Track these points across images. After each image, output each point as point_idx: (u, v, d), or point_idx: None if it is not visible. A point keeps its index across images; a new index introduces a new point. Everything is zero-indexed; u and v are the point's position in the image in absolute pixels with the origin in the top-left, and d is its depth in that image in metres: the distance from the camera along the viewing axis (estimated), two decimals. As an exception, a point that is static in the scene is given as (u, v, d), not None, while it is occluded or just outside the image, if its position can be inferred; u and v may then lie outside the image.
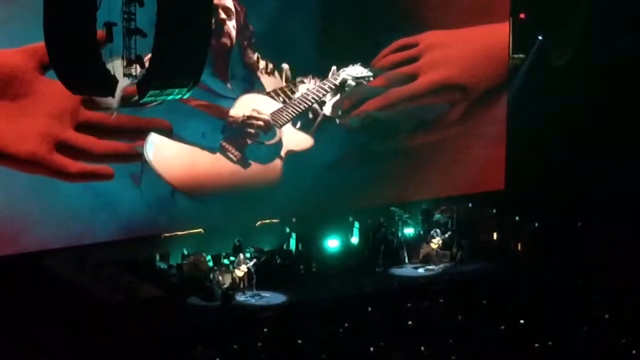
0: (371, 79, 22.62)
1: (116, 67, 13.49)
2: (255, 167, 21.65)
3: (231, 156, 21.38)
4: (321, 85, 22.24)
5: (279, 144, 21.89)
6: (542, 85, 24.31)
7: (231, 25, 21.07)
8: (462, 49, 23.44)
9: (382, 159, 23.07)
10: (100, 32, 13.15)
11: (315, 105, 22.22)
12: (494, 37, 23.86)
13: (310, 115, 22.26)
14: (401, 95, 22.94)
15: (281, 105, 21.92)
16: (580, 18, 24.38)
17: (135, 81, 13.58)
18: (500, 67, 24.19)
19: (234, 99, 21.47)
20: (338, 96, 22.42)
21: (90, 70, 12.87)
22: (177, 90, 13.30)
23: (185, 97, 13.72)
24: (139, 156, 20.35)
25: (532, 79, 24.53)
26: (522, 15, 24.28)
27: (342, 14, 22.12)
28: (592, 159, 24.06)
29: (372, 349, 17.30)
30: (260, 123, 21.59)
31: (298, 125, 22.14)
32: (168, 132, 20.49)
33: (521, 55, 24.69)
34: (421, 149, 23.58)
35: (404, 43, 22.92)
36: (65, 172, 19.46)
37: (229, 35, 21.09)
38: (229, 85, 21.39)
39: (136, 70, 13.53)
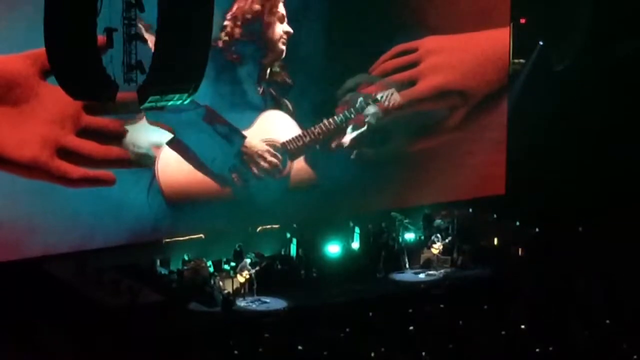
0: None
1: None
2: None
3: (236, 185, 21.48)
4: (345, 114, 22.39)
5: (287, 180, 22.00)
6: (542, 90, 24.32)
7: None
8: (461, 54, 23.45)
9: (382, 164, 23.07)
10: (101, 38, 13.16)
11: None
12: (494, 42, 23.87)
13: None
14: (400, 100, 22.94)
15: (300, 132, 22.05)
16: (580, 23, 24.39)
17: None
18: (501, 72, 24.19)
19: (258, 112, 21.61)
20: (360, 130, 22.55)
21: (91, 75, 12.88)
22: (177, 95, 13.31)
23: (185, 102, 13.73)
24: (139, 162, 20.36)
25: (533, 84, 24.54)
26: (522, 20, 24.29)
27: (345, 21, 22.14)
28: (593, 164, 24.06)
29: (373, 354, 17.28)
30: (274, 161, 21.68)
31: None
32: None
33: (522, 60, 24.70)
34: (421, 154, 23.58)
35: (403, 48, 22.94)
36: (67, 178, 19.47)
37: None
38: (260, 89, 21.49)
39: (136, 75, 13.54)
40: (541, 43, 24.61)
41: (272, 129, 21.90)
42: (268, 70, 21.65)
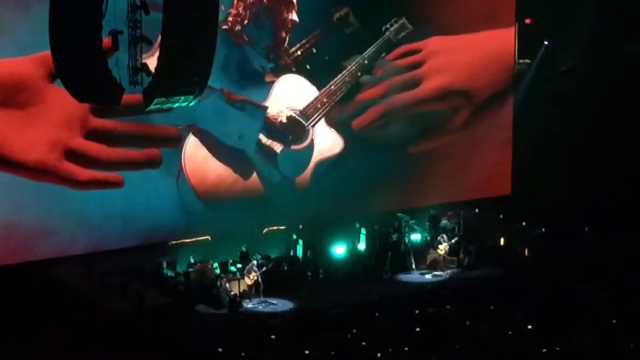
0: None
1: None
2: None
3: (262, 162, 21.54)
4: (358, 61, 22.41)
5: (310, 149, 22.02)
6: (548, 90, 24.31)
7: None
8: (465, 55, 23.44)
9: (388, 165, 23.07)
10: (106, 40, 13.17)
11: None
12: (498, 42, 23.86)
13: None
14: (405, 101, 22.95)
15: (317, 93, 22.03)
16: (586, 23, 24.36)
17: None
18: (505, 72, 24.18)
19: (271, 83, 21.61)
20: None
21: (96, 78, 12.88)
22: (183, 97, 13.29)
23: (191, 104, 13.72)
24: (149, 163, 20.36)
25: (538, 84, 24.52)
26: (527, 21, 24.27)
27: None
28: (599, 164, 24.03)
29: (379, 355, 17.28)
30: (300, 131, 21.77)
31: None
32: (176, 140, 20.51)
33: (527, 61, 24.68)
34: (427, 155, 23.58)
35: (407, 49, 22.94)
36: (75, 180, 19.46)
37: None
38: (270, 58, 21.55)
39: (142, 77, 13.53)
40: (546, 43, 24.59)
41: (288, 95, 21.90)
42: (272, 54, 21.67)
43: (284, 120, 21.70)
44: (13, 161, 18.89)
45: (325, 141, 22.27)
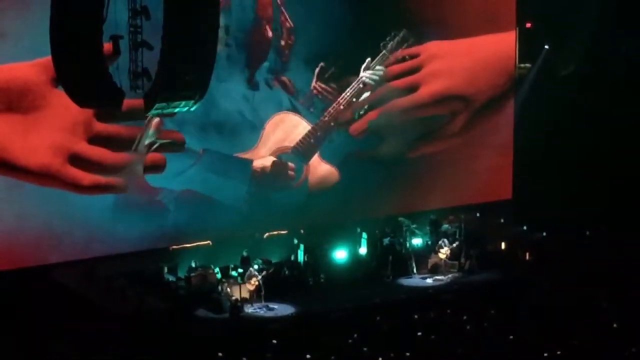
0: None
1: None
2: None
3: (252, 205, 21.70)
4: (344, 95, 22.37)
5: (305, 186, 22.06)
6: (549, 94, 24.31)
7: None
8: (463, 59, 23.46)
9: (389, 170, 23.08)
10: (107, 45, 13.19)
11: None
12: (498, 46, 23.89)
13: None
14: (402, 106, 22.96)
15: (310, 127, 22.03)
16: (586, 27, 24.36)
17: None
18: (504, 77, 24.20)
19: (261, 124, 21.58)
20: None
21: (97, 83, 12.91)
22: (183, 102, 13.33)
23: (192, 109, 13.75)
24: (153, 168, 20.35)
25: (539, 88, 24.53)
26: (528, 25, 24.29)
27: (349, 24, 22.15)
28: (600, 167, 24.03)
29: (380, 359, 17.28)
30: (288, 176, 21.76)
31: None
32: (180, 145, 20.51)
33: (528, 65, 24.70)
34: (428, 159, 23.60)
35: (405, 54, 22.94)
36: (78, 185, 19.49)
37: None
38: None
39: (143, 82, 13.56)
40: (547, 47, 24.60)
41: (280, 135, 21.88)
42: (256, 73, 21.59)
43: (271, 167, 21.71)
44: (17, 166, 18.92)
45: (320, 175, 22.30)
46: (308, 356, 17.41)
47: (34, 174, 19.07)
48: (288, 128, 21.96)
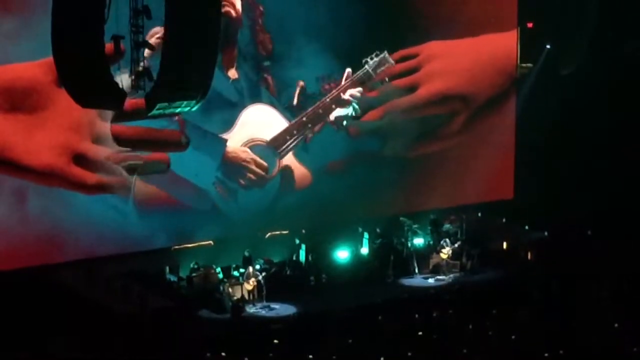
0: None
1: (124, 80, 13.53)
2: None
3: (222, 197, 21.33)
4: (333, 94, 22.16)
5: (275, 183, 21.81)
6: (550, 93, 24.32)
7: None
8: (463, 59, 23.46)
9: (390, 169, 23.07)
10: (109, 45, 13.18)
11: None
12: (498, 46, 23.90)
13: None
14: (402, 106, 22.95)
15: (287, 124, 21.82)
16: (588, 26, 24.37)
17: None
18: (505, 76, 24.20)
19: (238, 106, 21.31)
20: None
21: (98, 83, 12.89)
22: (185, 102, 13.31)
23: (193, 109, 13.74)
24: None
25: (541, 88, 24.53)
26: (529, 25, 24.29)
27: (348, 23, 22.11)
28: (601, 167, 24.03)
29: (382, 359, 17.28)
30: (260, 172, 21.54)
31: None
32: (183, 145, 20.48)
33: (529, 64, 24.69)
34: (429, 159, 23.59)
35: (404, 54, 22.94)
36: (82, 185, 19.46)
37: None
38: (231, 76, 21.18)
39: (144, 82, 13.54)
40: (548, 47, 24.60)
41: (255, 126, 21.66)
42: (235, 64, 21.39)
43: (243, 156, 21.49)
44: (21, 165, 18.91)
45: (293, 175, 22.12)
46: (310, 356, 17.42)
47: (38, 174, 19.06)
48: (264, 120, 21.75)
